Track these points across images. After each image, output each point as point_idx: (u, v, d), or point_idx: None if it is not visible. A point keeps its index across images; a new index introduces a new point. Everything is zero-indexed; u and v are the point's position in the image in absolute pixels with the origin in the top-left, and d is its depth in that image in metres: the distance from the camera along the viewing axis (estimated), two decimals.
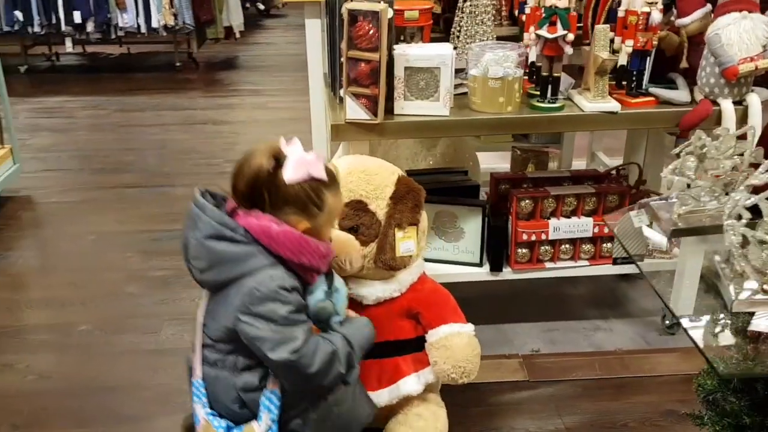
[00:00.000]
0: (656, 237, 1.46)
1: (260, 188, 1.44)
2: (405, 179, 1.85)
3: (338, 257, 1.74)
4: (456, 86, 2.19)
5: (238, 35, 6.90)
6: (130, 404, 2.19)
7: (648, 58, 2.08)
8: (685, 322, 1.27)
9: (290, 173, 1.43)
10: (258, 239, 1.43)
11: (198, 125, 4.83)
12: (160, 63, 6.51)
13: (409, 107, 2.04)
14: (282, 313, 1.42)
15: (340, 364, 1.52)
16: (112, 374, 2.33)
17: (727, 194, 1.18)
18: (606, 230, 2.29)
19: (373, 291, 1.83)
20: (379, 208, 1.80)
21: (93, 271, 2.97)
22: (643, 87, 2.11)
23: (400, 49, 2.02)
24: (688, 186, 1.29)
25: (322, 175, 1.47)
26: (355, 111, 1.97)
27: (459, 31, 2.28)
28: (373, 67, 1.92)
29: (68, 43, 6.05)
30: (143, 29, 5.85)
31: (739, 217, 1.08)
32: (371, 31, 1.88)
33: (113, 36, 5.96)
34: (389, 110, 2.03)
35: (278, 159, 1.45)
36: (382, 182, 1.82)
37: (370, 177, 1.81)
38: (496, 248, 2.32)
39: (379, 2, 1.93)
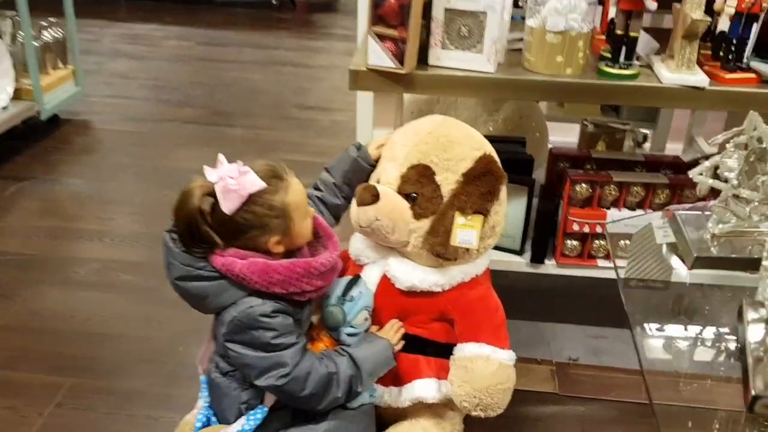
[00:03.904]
0: (674, 260, 1.07)
1: (206, 231, 1.34)
2: (488, 159, 1.56)
3: (381, 220, 1.51)
4: (516, 40, 1.85)
5: None
6: (114, 352, 2.05)
7: (755, 23, 1.65)
8: None
9: (227, 205, 1.33)
10: (226, 276, 1.36)
11: (275, 66, 4.63)
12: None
13: (446, 58, 1.71)
14: (266, 340, 1.37)
15: (338, 389, 1.43)
16: (113, 318, 2.20)
17: None
18: None
19: (410, 277, 1.57)
20: (447, 181, 1.53)
21: (125, 205, 2.85)
22: (745, 60, 1.69)
23: None
24: (737, 197, 0.91)
25: (257, 185, 1.34)
26: (378, 56, 1.66)
27: None
28: (403, 2, 1.60)
29: None
30: None
31: None
32: None
33: None
34: (423, 59, 1.71)
35: (213, 194, 1.35)
36: (461, 154, 1.54)
37: (450, 144, 1.54)
38: (540, 236, 1.97)
39: None
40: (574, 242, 1.95)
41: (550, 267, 1.98)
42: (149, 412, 1.85)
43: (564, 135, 3.00)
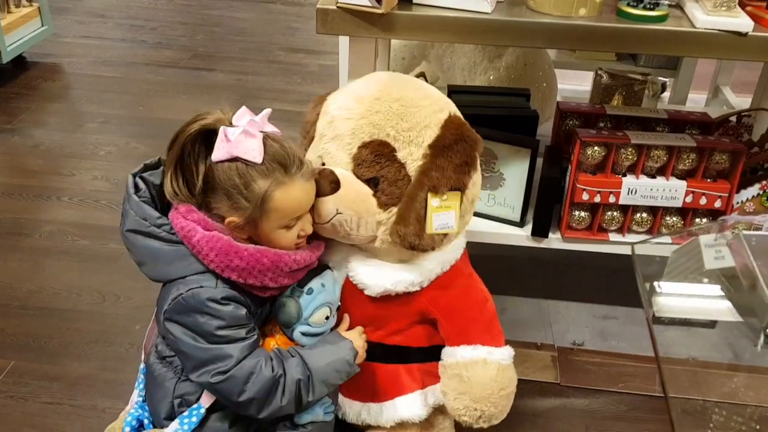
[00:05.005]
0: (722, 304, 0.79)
1: (192, 162, 1.18)
2: (456, 121, 1.29)
3: (343, 213, 1.24)
4: None
5: None
6: (62, 330, 1.82)
7: None
8: None
9: (215, 152, 1.16)
10: (184, 243, 1.17)
11: (264, 4, 4.29)
12: None
13: None
14: (209, 329, 1.16)
15: (282, 395, 1.19)
16: (64, 290, 1.97)
17: None
18: (703, 201, 1.64)
19: (381, 281, 1.31)
20: (411, 157, 1.25)
21: (89, 159, 2.59)
22: None
23: None
24: None
25: (249, 155, 1.14)
26: None
27: None
28: None
29: None
30: None
31: None
32: None
33: None
34: None
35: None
36: (423, 121, 1.25)
37: (405, 110, 1.25)
38: (544, 206, 1.70)
39: None
40: (583, 213, 1.69)
41: (554, 241, 1.72)
42: (96, 401, 1.64)
43: (575, 83, 2.72)
